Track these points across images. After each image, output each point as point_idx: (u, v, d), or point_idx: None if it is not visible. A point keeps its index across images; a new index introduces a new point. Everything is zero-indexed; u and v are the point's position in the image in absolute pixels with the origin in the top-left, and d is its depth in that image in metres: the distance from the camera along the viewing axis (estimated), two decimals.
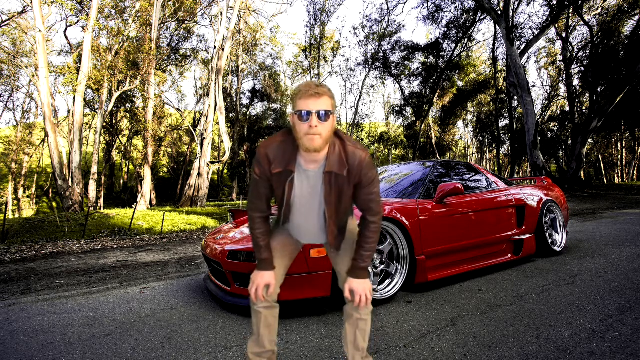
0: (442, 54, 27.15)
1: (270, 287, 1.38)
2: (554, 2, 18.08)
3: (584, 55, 21.70)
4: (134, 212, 10.89)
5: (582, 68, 21.08)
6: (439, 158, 31.17)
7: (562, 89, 29.76)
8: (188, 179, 17.90)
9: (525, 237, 3.65)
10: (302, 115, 1.17)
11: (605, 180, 34.51)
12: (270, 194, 1.38)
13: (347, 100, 42.02)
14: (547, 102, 31.06)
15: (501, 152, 37.45)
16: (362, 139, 35.07)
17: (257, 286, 1.36)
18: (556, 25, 21.59)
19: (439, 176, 3.54)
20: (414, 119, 30.90)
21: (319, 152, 1.24)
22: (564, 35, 21.64)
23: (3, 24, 18.67)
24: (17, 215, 26.56)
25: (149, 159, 17.58)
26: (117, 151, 27.64)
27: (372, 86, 33.07)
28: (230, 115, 30.08)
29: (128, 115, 24.39)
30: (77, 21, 20.86)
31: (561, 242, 4.12)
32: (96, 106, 20.66)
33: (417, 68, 29.83)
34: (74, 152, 14.61)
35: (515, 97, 20.86)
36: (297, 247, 1.57)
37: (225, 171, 33.90)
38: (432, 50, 27.26)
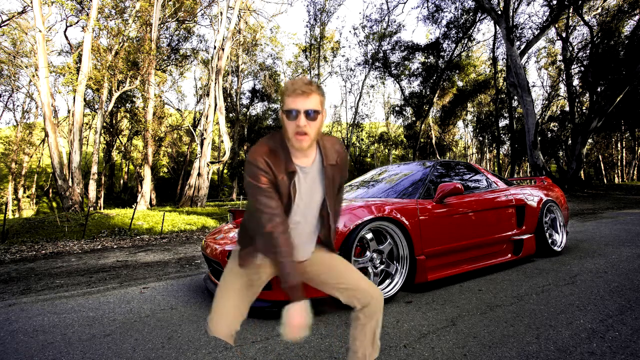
0: (442, 54, 27.15)
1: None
2: (554, 2, 18.08)
3: (584, 55, 21.71)
4: (134, 212, 10.88)
5: (582, 68, 21.09)
6: (439, 158, 31.16)
7: (562, 89, 29.79)
8: (188, 179, 17.89)
9: (525, 237, 3.65)
10: (290, 114, 1.18)
11: (605, 180, 34.49)
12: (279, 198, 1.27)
13: (347, 100, 41.87)
14: (547, 102, 31.07)
15: (501, 152, 37.47)
16: (362, 139, 35.10)
17: (300, 327, 1.06)
18: (556, 25, 21.58)
19: (439, 176, 3.53)
20: (414, 119, 30.90)
21: (308, 150, 1.28)
22: (564, 35, 21.64)
23: (3, 24, 18.67)
24: (17, 215, 26.56)
25: (149, 159, 17.58)
26: (117, 151, 27.65)
27: (372, 86, 33.07)
28: (230, 115, 30.09)
29: (128, 115, 24.39)
30: (77, 21, 20.86)
31: (561, 242, 4.12)
32: (96, 106, 20.66)
33: (417, 68, 29.83)
34: (74, 152, 14.61)
35: (515, 97, 20.86)
36: (267, 279, 1.37)
37: (225, 171, 33.91)
38: (432, 50, 27.26)
